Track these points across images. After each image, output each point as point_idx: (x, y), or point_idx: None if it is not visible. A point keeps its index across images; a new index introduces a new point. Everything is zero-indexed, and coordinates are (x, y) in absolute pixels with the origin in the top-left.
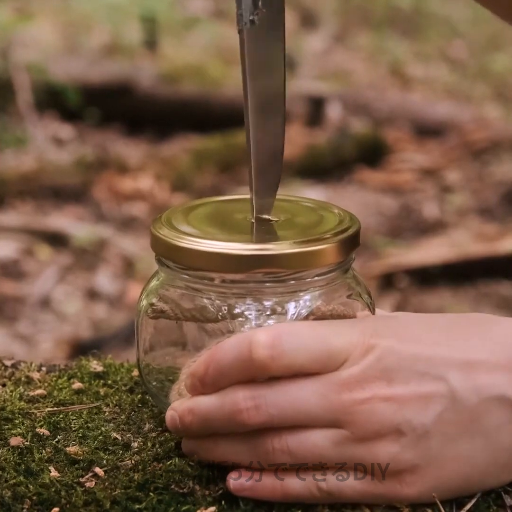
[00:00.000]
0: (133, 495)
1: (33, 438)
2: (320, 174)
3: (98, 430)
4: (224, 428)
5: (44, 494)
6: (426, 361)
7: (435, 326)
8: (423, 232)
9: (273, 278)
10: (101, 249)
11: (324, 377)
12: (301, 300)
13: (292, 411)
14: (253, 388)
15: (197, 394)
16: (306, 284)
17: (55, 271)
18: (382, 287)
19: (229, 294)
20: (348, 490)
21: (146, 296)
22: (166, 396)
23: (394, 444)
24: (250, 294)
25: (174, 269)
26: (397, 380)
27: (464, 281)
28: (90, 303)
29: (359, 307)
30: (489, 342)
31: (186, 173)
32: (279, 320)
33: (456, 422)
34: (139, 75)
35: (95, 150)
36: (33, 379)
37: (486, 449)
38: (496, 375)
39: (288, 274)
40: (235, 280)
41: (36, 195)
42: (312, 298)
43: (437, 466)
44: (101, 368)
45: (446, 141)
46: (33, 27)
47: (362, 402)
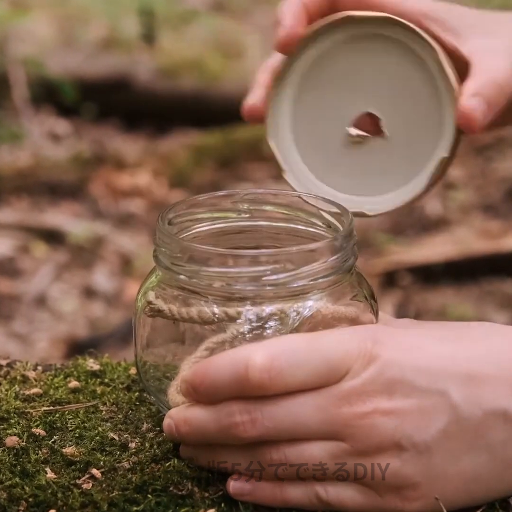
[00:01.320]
0: (131, 497)
1: (29, 438)
2: None
3: (95, 430)
4: (220, 440)
5: (40, 496)
6: (428, 374)
7: (439, 336)
8: (426, 229)
9: (274, 282)
10: (98, 246)
11: (323, 390)
12: (303, 303)
13: (289, 425)
14: (249, 402)
15: (192, 400)
16: (308, 287)
17: (51, 268)
18: (384, 285)
19: (228, 296)
20: (348, 501)
21: (144, 294)
22: (164, 394)
23: (395, 459)
24: (250, 297)
25: (171, 269)
26: (398, 394)
27: (467, 279)
28: (86, 301)
29: (362, 308)
30: (495, 355)
31: (184, 169)
32: (279, 324)
33: (459, 437)
34: (137, 69)
35: (92, 146)
36: (28, 378)
37: (491, 465)
38: (501, 389)
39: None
40: (234, 281)
41: (32, 192)
42: (314, 301)
43: (440, 483)
44: (98, 367)
45: None
46: (29, 20)
47: (362, 416)
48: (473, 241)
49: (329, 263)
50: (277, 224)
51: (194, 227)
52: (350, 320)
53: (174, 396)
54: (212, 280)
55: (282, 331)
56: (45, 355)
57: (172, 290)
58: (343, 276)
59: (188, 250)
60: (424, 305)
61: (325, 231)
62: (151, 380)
